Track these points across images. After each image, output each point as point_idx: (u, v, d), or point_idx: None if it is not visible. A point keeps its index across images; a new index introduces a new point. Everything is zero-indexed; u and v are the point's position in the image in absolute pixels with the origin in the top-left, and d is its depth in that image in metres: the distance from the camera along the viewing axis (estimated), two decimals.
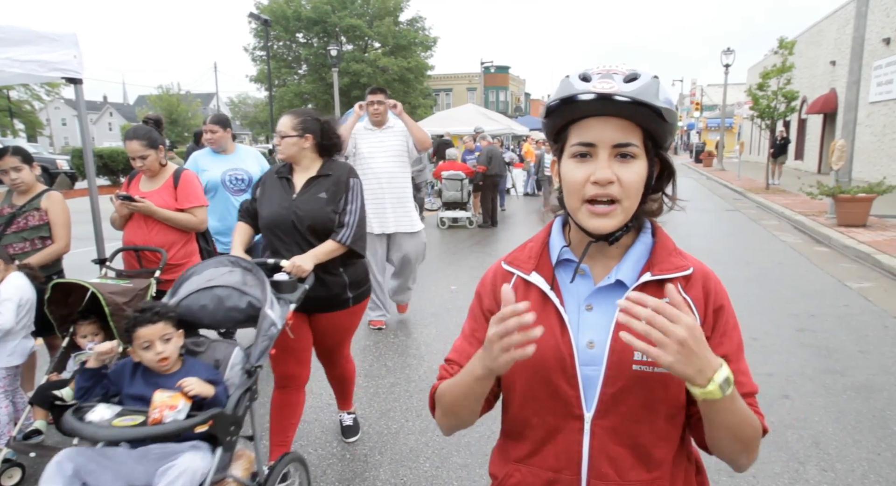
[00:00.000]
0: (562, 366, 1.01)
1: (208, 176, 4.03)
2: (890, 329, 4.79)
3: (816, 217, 10.23)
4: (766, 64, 20.35)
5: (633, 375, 0.98)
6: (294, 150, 2.65)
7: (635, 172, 0.96)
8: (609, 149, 0.95)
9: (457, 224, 11.34)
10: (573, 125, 0.98)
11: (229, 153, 4.20)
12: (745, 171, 21.91)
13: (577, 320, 1.03)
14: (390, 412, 3.48)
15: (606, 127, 0.95)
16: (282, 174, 2.71)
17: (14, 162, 3.16)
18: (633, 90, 0.91)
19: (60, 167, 18.52)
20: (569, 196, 1.00)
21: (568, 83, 0.96)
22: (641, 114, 0.93)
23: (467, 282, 6.62)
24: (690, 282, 1.03)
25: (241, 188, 4.11)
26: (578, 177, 0.97)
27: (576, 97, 0.93)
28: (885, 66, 15.30)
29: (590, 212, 0.97)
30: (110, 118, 71.25)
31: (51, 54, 3.30)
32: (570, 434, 1.02)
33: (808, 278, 6.60)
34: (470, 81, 48.35)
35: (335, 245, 2.56)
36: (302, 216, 2.57)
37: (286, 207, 2.60)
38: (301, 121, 2.65)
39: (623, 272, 1.02)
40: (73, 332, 2.99)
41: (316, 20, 32.37)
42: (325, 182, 2.65)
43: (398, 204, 4.73)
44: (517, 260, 1.11)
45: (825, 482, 2.72)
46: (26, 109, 40.16)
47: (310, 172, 2.69)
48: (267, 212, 2.64)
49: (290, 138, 2.63)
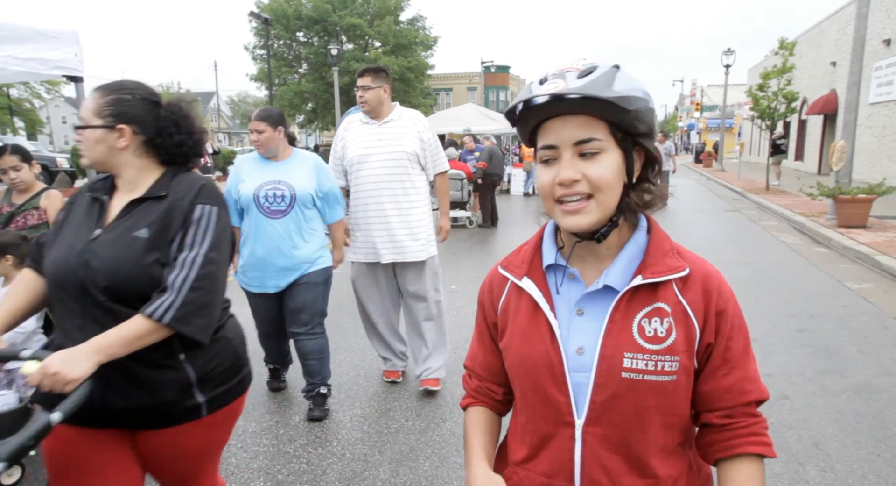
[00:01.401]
0: (551, 373, 1.00)
1: (243, 190, 3.19)
2: (889, 330, 4.79)
3: (816, 218, 10.23)
4: (766, 64, 20.34)
5: (623, 382, 0.96)
6: (100, 151, 1.54)
7: (603, 166, 0.93)
8: (571, 148, 0.94)
9: (456, 224, 11.33)
10: (539, 129, 0.98)
11: (281, 160, 3.27)
12: (745, 171, 21.91)
13: (568, 326, 1.01)
14: (390, 412, 3.48)
15: (565, 126, 0.94)
16: (96, 193, 1.60)
17: (13, 161, 3.16)
18: (582, 85, 0.90)
19: (60, 166, 18.50)
20: (543, 200, 1.00)
21: (527, 89, 0.96)
22: (597, 107, 0.91)
23: (467, 281, 6.62)
24: (688, 284, 0.99)
25: (281, 208, 3.17)
26: (545, 180, 0.97)
27: (529, 102, 0.93)
28: (886, 67, 15.31)
29: (562, 211, 0.96)
30: None
31: (52, 52, 3.30)
32: (563, 441, 1.01)
33: (808, 278, 6.60)
34: (470, 80, 48.34)
35: (145, 325, 1.42)
36: (96, 270, 1.45)
37: (77, 253, 1.49)
38: (113, 100, 1.54)
39: (612, 276, 0.99)
40: None
41: (316, 19, 32.35)
42: (151, 210, 1.53)
43: (402, 224, 3.52)
44: (511, 265, 1.10)
45: (825, 482, 2.72)
46: (26, 107, 40.17)
47: (135, 191, 1.58)
48: (50, 260, 1.54)
49: (93, 132, 1.53)
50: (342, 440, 3.16)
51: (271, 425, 3.33)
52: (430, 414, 3.43)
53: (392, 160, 3.48)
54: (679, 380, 0.97)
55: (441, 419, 3.38)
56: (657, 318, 0.97)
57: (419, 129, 3.56)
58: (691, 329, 0.98)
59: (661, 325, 0.96)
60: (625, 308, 0.98)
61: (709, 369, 1.00)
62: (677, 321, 0.97)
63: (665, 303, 0.97)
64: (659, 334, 0.96)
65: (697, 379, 1.01)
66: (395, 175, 3.50)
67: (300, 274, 3.25)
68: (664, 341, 0.96)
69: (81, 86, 3.60)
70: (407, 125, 3.55)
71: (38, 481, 2.76)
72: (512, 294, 1.08)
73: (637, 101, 0.93)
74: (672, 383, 0.97)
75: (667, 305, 0.97)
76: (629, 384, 0.95)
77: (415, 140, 3.54)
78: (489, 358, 1.17)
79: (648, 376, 0.95)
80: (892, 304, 5.54)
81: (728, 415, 1.01)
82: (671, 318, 0.97)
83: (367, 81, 3.44)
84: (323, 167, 3.33)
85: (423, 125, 3.60)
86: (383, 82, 3.48)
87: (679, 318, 0.97)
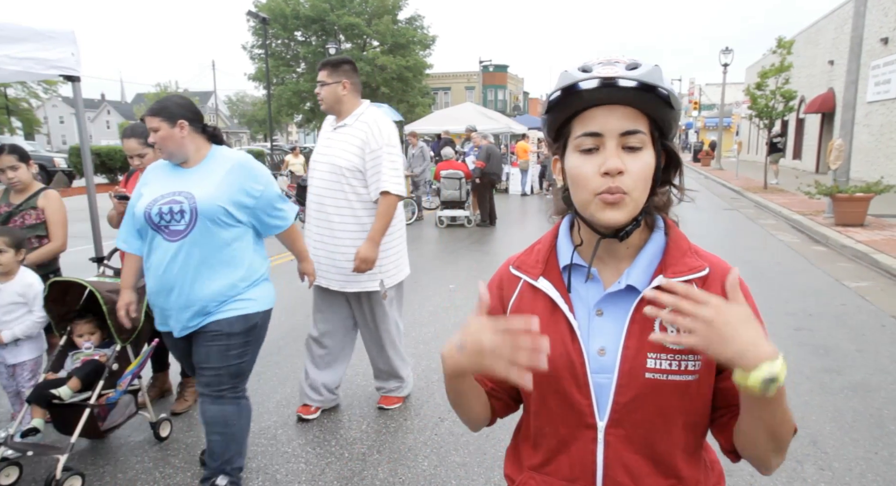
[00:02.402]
0: (572, 374, 0.98)
1: (138, 207, 2.43)
2: (887, 328, 4.80)
3: (814, 216, 10.24)
4: (764, 63, 20.39)
5: (647, 383, 0.95)
6: None
7: (644, 163, 0.92)
8: (616, 138, 0.91)
9: (455, 223, 11.35)
10: (576, 119, 0.94)
11: (192, 165, 2.45)
12: (744, 170, 21.93)
13: (588, 327, 0.99)
14: (388, 411, 3.47)
15: (612, 115, 0.90)
16: None
17: (10, 161, 3.15)
18: (639, 74, 0.88)
19: (58, 165, 18.48)
20: (579, 191, 0.94)
21: (568, 75, 0.92)
22: (648, 100, 0.90)
23: (465, 281, 6.62)
24: (707, 283, 0.98)
25: (179, 228, 2.34)
26: (587, 171, 0.92)
27: (577, 86, 0.90)
28: (883, 66, 15.33)
29: (602, 202, 0.91)
30: (108, 116, 71.13)
31: (49, 52, 3.29)
32: (584, 444, 0.99)
33: (806, 277, 6.61)
34: (468, 79, 48.32)
35: None
36: None
37: None
38: None
39: (634, 276, 0.98)
40: (71, 331, 2.99)
41: (314, 18, 32.32)
42: None
43: (324, 249, 3.10)
44: (525, 264, 1.07)
45: (823, 480, 2.73)
46: (24, 106, 40.09)
47: None
48: None
49: None
50: (340, 439, 3.16)
51: (269, 424, 3.32)
52: (429, 414, 3.43)
53: (329, 173, 3.05)
54: (701, 379, 0.96)
55: (440, 418, 3.38)
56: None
57: (367, 138, 2.99)
58: None
59: None
60: None
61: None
62: None
63: None
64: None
65: (718, 375, 1.01)
66: (328, 191, 3.07)
67: (207, 319, 2.41)
68: None
69: (79, 85, 3.58)
70: (355, 133, 3.03)
71: (35, 481, 2.75)
72: (525, 294, 1.06)
73: (678, 101, 0.93)
74: (695, 383, 0.96)
75: None
76: (653, 385, 0.94)
77: (355, 151, 3.00)
78: None
79: (672, 375, 0.94)
80: (889, 302, 5.55)
81: None
82: None
83: (323, 76, 3.04)
84: (248, 168, 2.46)
85: (374, 133, 3.00)
86: (342, 77, 3.05)
87: None
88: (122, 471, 2.85)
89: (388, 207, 3.03)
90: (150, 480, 2.78)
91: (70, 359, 2.96)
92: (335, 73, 3.04)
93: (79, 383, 2.77)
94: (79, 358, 2.95)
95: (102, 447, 3.09)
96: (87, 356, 2.94)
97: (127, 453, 3.03)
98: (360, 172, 3.01)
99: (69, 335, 2.98)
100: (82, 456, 2.97)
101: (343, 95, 3.07)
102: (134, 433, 3.21)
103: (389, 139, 3.03)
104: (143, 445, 3.10)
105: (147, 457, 2.98)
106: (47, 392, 2.70)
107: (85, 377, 2.79)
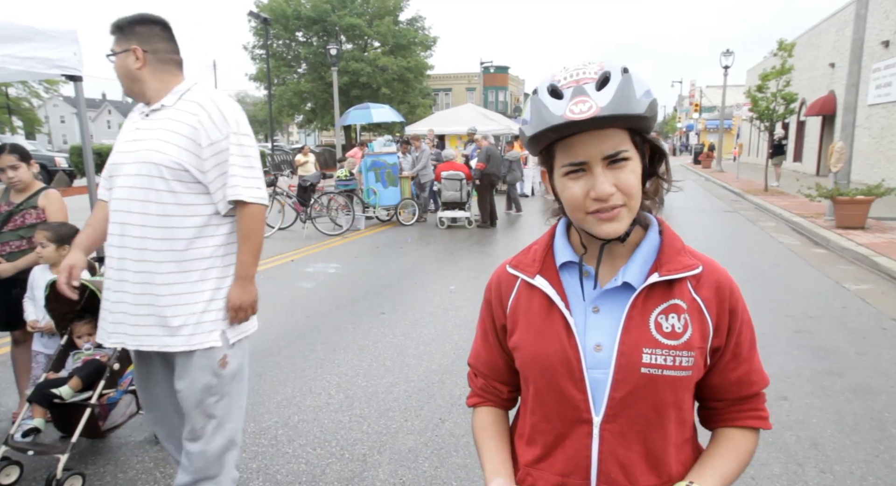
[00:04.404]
0: (569, 370, 1.00)
1: None
2: (888, 331, 4.80)
3: (815, 219, 10.24)
4: (765, 66, 20.37)
5: (642, 377, 0.97)
6: None
7: (631, 173, 0.94)
8: (601, 162, 0.93)
9: (456, 224, 11.35)
10: (557, 145, 0.97)
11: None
12: (744, 172, 21.94)
13: (584, 323, 1.02)
14: (389, 412, 3.47)
15: (593, 142, 0.92)
16: None
17: (11, 160, 3.15)
18: (611, 101, 0.89)
19: (59, 165, 18.50)
20: (573, 211, 0.98)
21: (540, 104, 0.93)
22: (625, 120, 0.91)
23: (465, 282, 6.62)
24: (701, 281, 1.01)
25: None
26: (577, 194, 0.94)
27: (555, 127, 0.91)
28: (884, 69, 15.33)
29: (598, 220, 0.95)
30: (109, 116, 71.26)
31: (51, 51, 3.29)
32: (579, 439, 1.01)
33: (806, 279, 6.61)
34: (469, 80, 48.37)
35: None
36: None
37: None
38: None
39: (630, 274, 1.01)
40: (71, 331, 2.99)
41: (315, 19, 32.37)
42: None
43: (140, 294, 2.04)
44: (521, 264, 1.10)
45: (824, 483, 2.73)
46: (25, 106, 40.14)
47: None
48: None
49: None
50: (341, 440, 3.16)
51: (270, 425, 3.32)
52: (430, 414, 3.43)
53: (138, 177, 2.02)
54: (692, 375, 1.00)
55: (440, 419, 3.37)
56: (674, 314, 0.99)
57: (202, 123, 2.00)
58: (705, 326, 1.00)
59: (677, 321, 0.98)
60: (642, 305, 0.99)
61: (720, 364, 1.04)
62: (692, 318, 0.99)
63: (681, 300, 1.00)
64: (676, 329, 0.98)
65: (706, 373, 1.05)
66: (137, 203, 2.03)
67: None
68: (681, 336, 0.98)
69: (80, 85, 3.59)
70: (179, 117, 2.03)
71: (36, 481, 2.75)
72: (522, 293, 1.09)
73: (654, 103, 0.94)
74: (686, 379, 0.99)
75: (682, 301, 0.99)
76: (648, 380, 0.97)
77: (179, 141, 2.00)
78: (493, 357, 1.18)
79: (667, 371, 0.97)
80: (890, 305, 5.54)
81: (734, 402, 1.07)
82: (687, 314, 0.99)
83: (113, 45, 2.08)
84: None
85: (214, 116, 2.02)
86: (135, 43, 2.04)
87: (694, 314, 1.00)
88: (123, 471, 2.85)
89: (252, 224, 2.10)
90: (150, 480, 2.78)
91: (71, 359, 2.97)
92: (124, 38, 2.05)
93: (80, 383, 2.77)
94: (80, 358, 2.95)
95: (103, 446, 3.09)
96: (89, 356, 2.95)
97: (127, 453, 3.03)
98: (186, 173, 2.01)
99: (70, 336, 2.98)
100: (83, 456, 2.97)
101: (136, 70, 2.05)
102: (134, 432, 3.21)
103: (238, 126, 2.06)
104: (144, 445, 3.10)
105: (147, 457, 2.98)
106: (48, 392, 2.70)
107: (86, 377, 2.79)
